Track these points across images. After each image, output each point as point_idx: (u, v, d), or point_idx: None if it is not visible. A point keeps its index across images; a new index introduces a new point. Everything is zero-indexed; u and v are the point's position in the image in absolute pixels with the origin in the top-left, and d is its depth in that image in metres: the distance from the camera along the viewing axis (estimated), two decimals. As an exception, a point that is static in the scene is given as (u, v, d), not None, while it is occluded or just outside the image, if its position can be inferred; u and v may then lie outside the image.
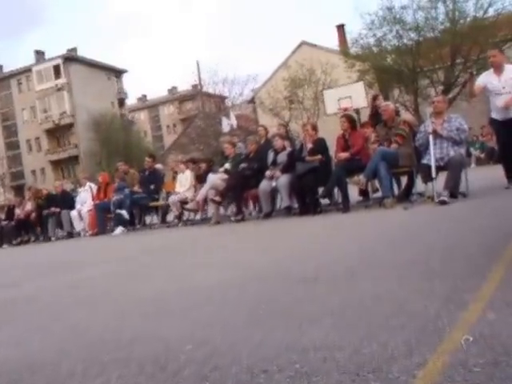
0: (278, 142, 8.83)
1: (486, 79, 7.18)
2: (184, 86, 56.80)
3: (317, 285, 2.96)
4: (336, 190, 8.10)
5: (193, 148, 38.77)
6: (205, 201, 9.74)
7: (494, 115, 7.17)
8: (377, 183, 7.94)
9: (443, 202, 6.24)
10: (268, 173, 8.58)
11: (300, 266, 3.68)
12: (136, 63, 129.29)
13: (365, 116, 9.96)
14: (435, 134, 6.97)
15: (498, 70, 7.04)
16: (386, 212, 6.78)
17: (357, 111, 19.77)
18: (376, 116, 8.85)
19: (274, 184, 8.41)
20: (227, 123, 20.24)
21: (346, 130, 8.16)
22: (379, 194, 7.84)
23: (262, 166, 8.88)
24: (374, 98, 9.39)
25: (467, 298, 2.25)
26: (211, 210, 9.64)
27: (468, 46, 26.13)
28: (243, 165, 9.25)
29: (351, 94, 19.82)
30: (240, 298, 2.90)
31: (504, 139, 7.17)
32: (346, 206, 7.59)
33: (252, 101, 39.31)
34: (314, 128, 8.55)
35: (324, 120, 25.14)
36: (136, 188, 11.14)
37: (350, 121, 8.28)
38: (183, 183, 10.46)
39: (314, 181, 7.88)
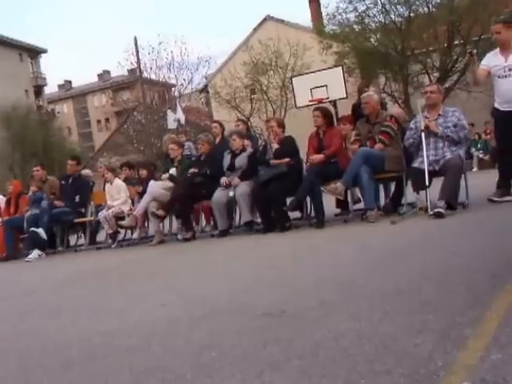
0: (235, 142, 8.86)
1: (490, 61, 7.20)
2: (119, 71, 56.51)
3: (283, 321, 2.95)
4: (308, 200, 8.15)
5: (131, 149, 38.49)
6: (145, 215, 9.69)
7: (497, 104, 7.21)
8: (358, 192, 8.04)
9: (439, 215, 6.32)
10: (224, 180, 8.60)
11: (262, 297, 3.68)
12: (57, 41, 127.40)
13: (344, 109, 10.04)
14: (428, 131, 7.08)
15: (505, 48, 7.08)
16: (370, 227, 6.85)
17: (334, 104, 20.08)
18: (357, 109, 8.97)
19: (231, 194, 8.44)
20: (173, 118, 20.15)
21: (320, 126, 8.22)
22: (361, 206, 7.94)
23: (216, 171, 8.90)
24: (366, 85, 9.45)
25: (467, 333, 2.28)
26: (153, 226, 9.59)
27: (468, 24, 26.59)
28: (193, 170, 9.25)
29: (327, 83, 20.17)
30: (186, 340, 2.88)
31: (505, 136, 7.19)
32: (320, 221, 7.67)
33: (205, 90, 39.31)
34: (281, 124, 8.60)
35: (293, 114, 25.39)
36: (57, 201, 10.92)
37: (326, 115, 8.30)
38: (114, 196, 10.34)
39: (281, 189, 7.92)
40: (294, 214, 8.57)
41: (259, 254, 6.45)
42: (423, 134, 7.07)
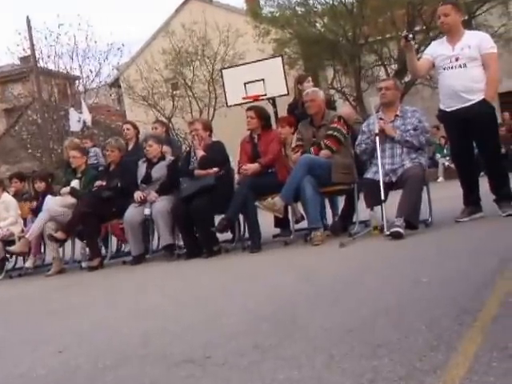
0: (152, 148, 8.82)
1: (436, 50, 7.26)
2: (7, 59, 55.31)
3: (207, 369, 2.92)
4: (241, 218, 8.21)
5: (24, 155, 37.69)
6: (41, 239, 9.55)
7: (442, 104, 7.23)
8: (301, 208, 8.11)
9: (396, 236, 6.39)
10: (138, 195, 8.56)
11: (183, 339, 3.65)
12: None
13: (285, 109, 10.06)
14: (384, 135, 7.20)
15: (452, 35, 7.12)
16: (315, 251, 6.93)
17: (272, 102, 20.21)
18: (294, 110, 9.07)
19: (147, 212, 8.42)
20: (77, 118, 19.82)
21: (254, 129, 8.29)
22: (304, 225, 8.01)
23: (128, 184, 8.87)
24: (300, 81, 9.34)
25: (428, 382, 2.28)
26: (50, 252, 9.42)
27: (431, 7, 26.78)
28: (100, 183, 9.17)
29: (264, 76, 20.27)
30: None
31: (458, 141, 7.25)
32: (255, 244, 7.74)
33: (116, 84, 38.91)
34: (208, 127, 8.65)
35: (224, 114, 25.35)
36: None
37: (261, 116, 8.34)
38: (0, 214, 10.12)
39: (208, 206, 7.91)
40: (224, 236, 8.56)
41: (181, 284, 6.42)
42: (377, 139, 7.16)
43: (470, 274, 4.18)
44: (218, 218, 8.03)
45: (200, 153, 8.33)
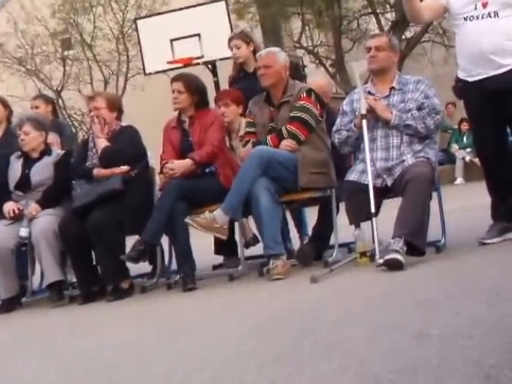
0: (29, 137, 8.69)
1: None
2: None
3: None
4: (165, 241, 8.25)
5: None
6: None
7: (462, 71, 7.25)
8: (253, 226, 8.02)
9: (394, 265, 6.36)
10: (9, 207, 8.47)
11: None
12: None
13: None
14: (374, 117, 7.24)
15: None
16: (273, 289, 6.89)
17: (213, 68, 19.89)
18: (238, 83, 9.29)
19: (23, 233, 8.35)
20: None
21: (184, 109, 8.30)
22: (258, 249, 8.14)
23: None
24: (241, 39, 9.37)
25: None
26: None
27: None
28: None
29: (200, 30, 19.85)
30: None
31: (485, 126, 7.19)
32: (186, 279, 7.70)
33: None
34: (114, 105, 8.61)
35: (140, 86, 25.32)
36: None
37: (194, 90, 8.33)
38: None
39: (113, 223, 7.90)
40: (140, 267, 8.57)
41: (73, 344, 6.23)
42: (365, 123, 7.13)
43: (501, 326, 4.07)
44: (130, 241, 8.01)
45: (102, 143, 8.28)
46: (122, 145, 8.32)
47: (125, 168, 8.13)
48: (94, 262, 8.25)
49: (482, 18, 6.85)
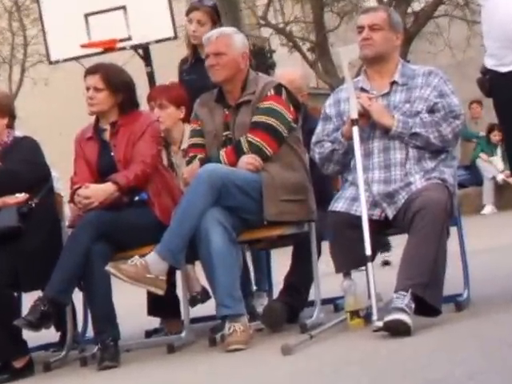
0: None
1: None
2: None
3: None
4: (78, 299, 7.54)
5: None
6: None
7: (490, 57, 6.43)
8: (202, 276, 7.20)
9: (398, 329, 5.52)
10: None
11: None
12: None
13: (170, 69, 9.37)
14: (368, 123, 6.38)
15: None
16: (230, 364, 5.98)
17: (145, 55, 18.16)
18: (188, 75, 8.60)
19: None
20: None
21: (102, 113, 7.35)
22: (209, 309, 7.42)
23: None
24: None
25: None
26: None
27: None
28: None
29: (126, 2, 18.02)
30: None
31: None
32: (107, 350, 6.67)
33: None
34: (2, 108, 7.62)
35: (42, 80, 24.76)
36: None
37: (116, 86, 7.33)
38: None
39: (6, 274, 6.93)
40: (43, 335, 7.48)
41: None
42: (356, 132, 6.17)
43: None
44: (29, 299, 7.00)
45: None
46: (17, 164, 7.34)
47: (21, 196, 7.14)
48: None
49: None
